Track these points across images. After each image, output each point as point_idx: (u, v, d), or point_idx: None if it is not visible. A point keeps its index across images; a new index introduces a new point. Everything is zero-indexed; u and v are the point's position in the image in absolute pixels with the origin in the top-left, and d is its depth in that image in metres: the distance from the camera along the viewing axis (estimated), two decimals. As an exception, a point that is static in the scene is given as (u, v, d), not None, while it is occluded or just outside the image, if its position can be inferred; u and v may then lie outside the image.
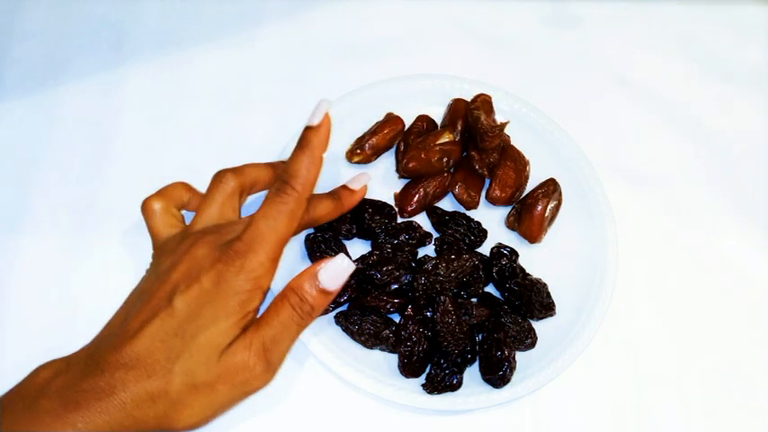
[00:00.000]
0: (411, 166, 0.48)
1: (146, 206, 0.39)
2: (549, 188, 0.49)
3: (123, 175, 0.50)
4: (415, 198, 0.48)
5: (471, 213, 0.50)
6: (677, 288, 0.50)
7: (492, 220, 0.50)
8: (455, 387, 0.43)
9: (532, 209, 0.48)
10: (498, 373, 0.42)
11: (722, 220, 0.53)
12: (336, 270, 0.36)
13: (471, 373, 0.44)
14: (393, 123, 0.50)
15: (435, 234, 0.49)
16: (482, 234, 0.48)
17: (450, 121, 0.51)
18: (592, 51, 0.59)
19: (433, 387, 0.43)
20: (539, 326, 0.46)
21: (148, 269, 0.38)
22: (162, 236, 0.39)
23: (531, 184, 0.50)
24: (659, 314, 0.49)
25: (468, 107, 0.50)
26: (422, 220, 0.49)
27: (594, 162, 0.51)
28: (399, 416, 0.44)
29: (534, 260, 0.48)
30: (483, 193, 0.50)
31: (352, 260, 0.44)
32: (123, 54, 0.55)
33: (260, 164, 0.42)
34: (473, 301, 0.46)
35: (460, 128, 0.51)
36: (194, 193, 0.42)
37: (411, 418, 0.44)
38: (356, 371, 0.43)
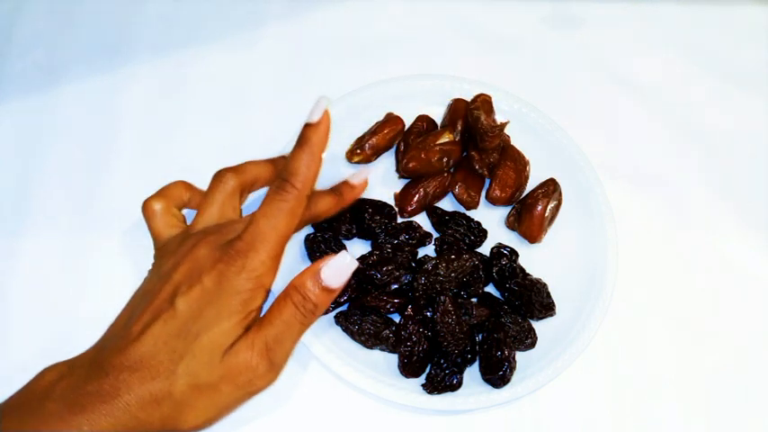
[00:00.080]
0: (411, 166, 0.48)
1: (146, 207, 0.39)
2: (549, 188, 0.49)
3: (123, 175, 0.50)
4: (415, 198, 0.48)
5: (471, 213, 0.50)
6: (677, 288, 0.50)
7: (492, 220, 0.50)
8: (455, 387, 0.43)
9: (532, 209, 0.48)
10: (498, 373, 0.42)
11: (722, 220, 0.53)
12: (339, 267, 0.35)
13: (471, 373, 0.44)
14: (393, 123, 0.50)
15: (435, 234, 0.49)
16: (482, 234, 0.48)
17: (450, 121, 0.51)
18: (592, 51, 0.59)
19: (433, 387, 0.43)
20: (539, 326, 0.46)
21: (150, 270, 0.38)
22: (163, 236, 0.39)
23: (531, 184, 0.50)
24: (659, 314, 0.49)
25: (468, 107, 0.50)
26: (422, 220, 0.49)
27: (594, 162, 0.52)
28: (399, 416, 0.44)
29: (534, 260, 0.48)
30: (483, 193, 0.50)
31: (353, 259, 0.44)
32: (124, 55, 0.55)
33: (260, 161, 0.42)
34: (473, 301, 0.46)
35: (460, 128, 0.51)
36: (194, 191, 0.42)
37: (411, 418, 0.44)
38: (356, 371, 0.43)
